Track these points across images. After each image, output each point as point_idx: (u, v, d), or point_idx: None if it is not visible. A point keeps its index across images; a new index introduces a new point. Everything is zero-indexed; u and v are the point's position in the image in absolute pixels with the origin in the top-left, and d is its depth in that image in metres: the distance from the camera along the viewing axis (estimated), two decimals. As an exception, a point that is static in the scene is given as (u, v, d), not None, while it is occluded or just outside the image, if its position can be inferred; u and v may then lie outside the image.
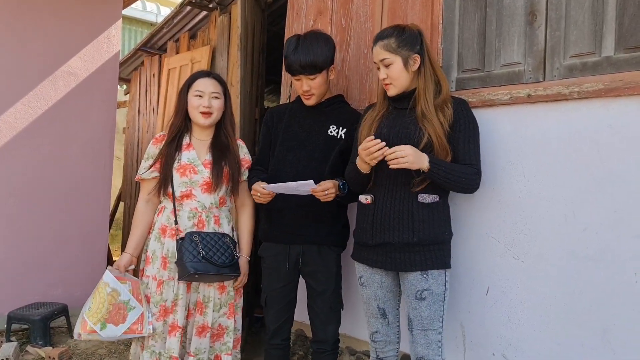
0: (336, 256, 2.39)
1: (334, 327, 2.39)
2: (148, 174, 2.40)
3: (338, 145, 2.36)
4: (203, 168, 2.38)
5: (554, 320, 2.00)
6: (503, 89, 2.15)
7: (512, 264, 2.10)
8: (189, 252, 2.22)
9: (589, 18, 1.96)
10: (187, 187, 2.36)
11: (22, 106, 3.65)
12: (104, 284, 2.24)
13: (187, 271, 2.20)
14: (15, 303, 3.52)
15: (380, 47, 2.04)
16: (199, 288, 2.37)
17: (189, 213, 2.35)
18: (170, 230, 2.35)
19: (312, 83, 2.31)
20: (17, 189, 3.63)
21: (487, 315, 2.17)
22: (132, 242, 2.42)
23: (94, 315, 2.19)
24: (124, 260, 2.38)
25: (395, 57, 2.01)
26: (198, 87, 2.40)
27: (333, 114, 2.42)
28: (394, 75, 2.03)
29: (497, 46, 2.21)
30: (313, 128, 2.40)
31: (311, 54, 2.26)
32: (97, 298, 2.21)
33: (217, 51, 4.57)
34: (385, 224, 2.01)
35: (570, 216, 1.96)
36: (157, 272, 2.34)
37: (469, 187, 2.00)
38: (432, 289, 1.97)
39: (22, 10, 3.61)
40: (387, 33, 2.06)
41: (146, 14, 9.33)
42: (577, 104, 1.95)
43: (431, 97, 2.01)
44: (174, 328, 2.30)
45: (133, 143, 6.35)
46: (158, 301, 2.31)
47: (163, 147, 2.41)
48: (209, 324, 2.36)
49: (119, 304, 2.22)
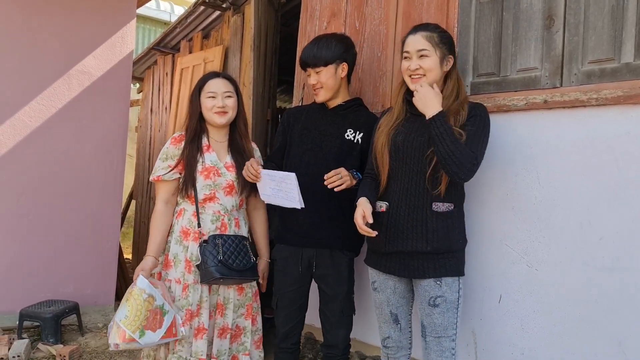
0: (348, 260, 2.37)
1: (344, 332, 2.37)
2: (170, 175, 2.35)
3: (355, 149, 2.34)
4: (226, 171, 2.37)
5: (568, 329, 1.97)
6: (519, 94, 2.12)
7: (526, 272, 2.08)
8: (213, 256, 2.22)
9: (608, 23, 1.93)
10: (211, 190, 2.34)
11: (37, 105, 3.66)
12: (140, 290, 2.17)
13: (212, 275, 2.20)
14: (27, 300, 3.54)
15: (422, 36, 1.98)
16: (219, 290, 2.36)
17: (212, 216, 2.34)
18: (194, 234, 2.33)
19: (319, 77, 2.33)
20: (30, 187, 3.64)
21: (500, 323, 2.15)
22: (154, 245, 2.33)
23: (132, 323, 2.13)
24: (150, 263, 2.29)
25: (434, 51, 1.96)
26: (210, 89, 2.38)
27: (350, 117, 2.40)
28: (428, 67, 1.96)
29: (513, 50, 2.18)
30: (330, 131, 2.39)
31: (317, 47, 2.32)
32: (134, 305, 2.15)
33: (230, 51, 4.57)
34: (399, 232, 1.99)
35: (586, 224, 1.93)
36: (181, 276, 2.31)
37: (462, 167, 1.85)
38: (445, 296, 1.95)
39: (37, 10, 3.63)
40: (430, 26, 2.02)
41: (160, 12, 9.37)
42: (595, 111, 1.92)
43: (451, 102, 1.97)
44: (200, 330, 2.29)
45: (145, 141, 6.38)
46: (184, 305, 2.28)
47: (184, 148, 2.37)
48: (229, 325, 2.36)
49: (155, 310, 2.17)
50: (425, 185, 1.96)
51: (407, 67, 2.00)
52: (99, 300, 3.93)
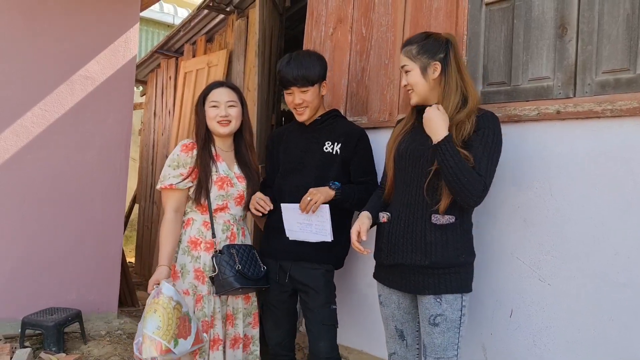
0: (324, 272, 2.35)
1: (325, 344, 2.33)
2: (183, 184, 2.30)
3: (335, 161, 2.34)
4: (237, 181, 2.37)
5: (582, 346, 1.92)
6: (530, 104, 2.07)
7: (538, 287, 2.03)
8: (230, 266, 2.21)
9: (623, 32, 1.88)
10: (224, 200, 2.33)
11: (39, 110, 3.63)
12: (168, 298, 2.08)
13: (231, 286, 2.19)
14: (29, 308, 3.50)
15: (403, 53, 2.00)
16: (227, 300, 2.34)
17: (223, 226, 2.33)
18: (206, 244, 2.30)
19: (305, 96, 2.33)
20: (33, 193, 3.61)
21: (511, 339, 2.10)
22: (166, 254, 2.27)
23: (166, 333, 2.05)
24: (164, 273, 2.21)
25: (413, 65, 1.96)
26: (213, 98, 2.37)
27: (327, 129, 2.41)
28: (413, 82, 1.97)
29: (524, 59, 2.13)
30: (309, 147, 2.40)
31: (304, 67, 2.30)
32: (164, 314, 2.06)
33: (234, 55, 4.54)
34: (399, 244, 1.95)
35: (601, 238, 1.88)
36: (189, 287, 2.28)
37: (471, 195, 1.80)
38: (445, 315, 1.89)
39: (39, 15, 3.60)
40: (412, 40, 2.02)
41: (163, 15, 9.34)
42: (609, 122, 1.87)
43: (450, 109, 1.90)
44: (216, 342, 2.28)
45: (148, 145, 6.35)
46: (200, 317, 2.25)
47: (198, 157, 2.32)
48: (240, 335, 2.36)
49: (184, 316, 2.11)
50: (424, 197, 1.91)
51: (402, 83, 2.04)
52: (102, 307, 3.90)
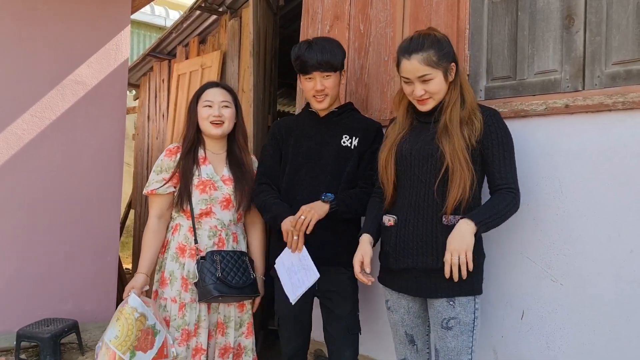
0: (350, 276, 2.21)
1: (350, 352, 2.24)
2: (164, 189, 2.27)
3: (352, 156, 2.23)
4: (222, 184, 2.29)
5: (597, 348, 1.85)
6: (537, 99, 2.00)
7: (550, 287, 1.96)
8: (211, 274, 2.13)
9: (633, 22, 1.81)
10: (207, 205, 2.26)
11: (30, 117, 3.54)
12: (131, 308, 2.08)
13: (210, 294, 2.12)
14: (24, 319, 3.41)
15: (419, 61, 1.81)
16: (219, 308, 2.28)
17: (209, 232, 2.25)
18: (190, 250, 2.24)
19: (327, 82, 2.20)
20: (25, 201, 3.52)
21: (523, 341, 2.03)
22: (146, 262, 2.27)
23: (123, 343, 2.03)
24: (140, 281, 2.22)
25: (437, 72, 1.83)
26: (207, 97, 2.31)
27: (344, 122, 2.29)
28: (435, 90, 1.85)
29: (530, 52, 2.06)
30: (325, 140, 2.27)
31: (327, 52, 2.18)
32: (124, 325, 2.05)
33: (228, 56, 4.46)
34: (408, 248, 1.87)
35: (615, 236, 1.81)
36: (177, 295, 2.23)
37: (513, 213, 1.84)
38: (459, 318, 1.82)
39: (29, 19, 3.51)
40: (424, 44, 1.82)
41: (155, 17, 9.24)
42: (621, 115, 1.80)
43: (458, 108, 1.85)
44: (198, 351, 2.21)
45: (143, 149, 6.26)
46: (180, 325, 2.20)
47: (180, 160, 2.28)
48: (231, 345, 2.28)
49: (147, 329, 2.08)
50: (434, 198, 1.84)
51: (411, 92, 1.88)
52: (99, 317, 3.80)
